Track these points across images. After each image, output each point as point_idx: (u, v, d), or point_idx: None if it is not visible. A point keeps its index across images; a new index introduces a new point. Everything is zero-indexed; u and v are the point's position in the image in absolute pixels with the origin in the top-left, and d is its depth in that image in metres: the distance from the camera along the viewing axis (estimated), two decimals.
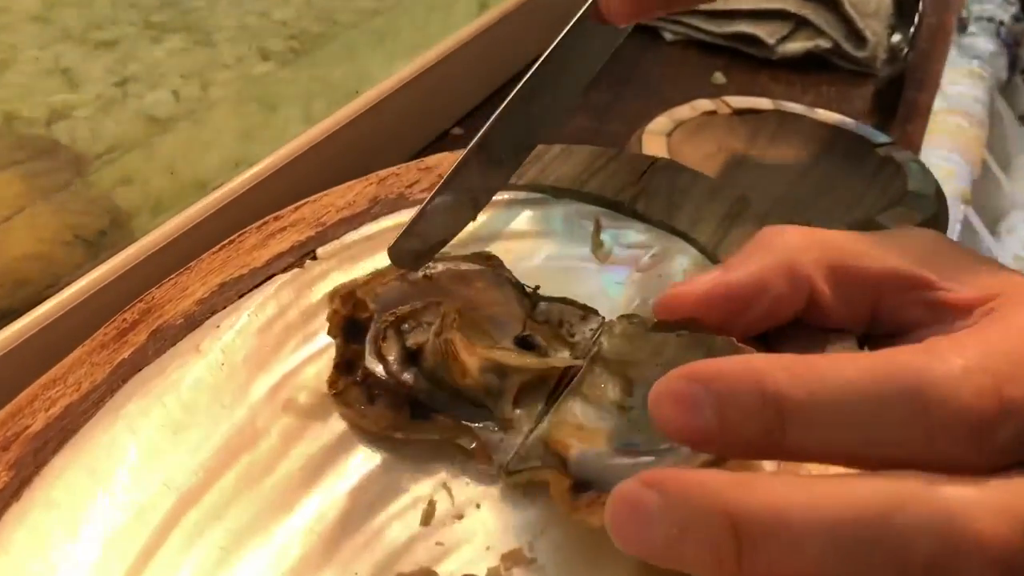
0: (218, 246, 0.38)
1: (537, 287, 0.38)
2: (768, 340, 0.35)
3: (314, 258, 0.39)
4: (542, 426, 0.34)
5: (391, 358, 0.35)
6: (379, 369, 0.35)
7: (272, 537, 0.32)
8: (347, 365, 0.34)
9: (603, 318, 0.38)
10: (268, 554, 0.31)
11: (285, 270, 0.38)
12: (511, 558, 0.33)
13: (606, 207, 0.44)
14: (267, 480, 0.33)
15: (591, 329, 0.37)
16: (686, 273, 0.41)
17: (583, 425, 0.34)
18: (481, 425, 0.34)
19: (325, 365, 0.36)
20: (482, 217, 0.43)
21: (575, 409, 0.35)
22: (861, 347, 0.34)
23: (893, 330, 0.33)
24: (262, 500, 0.32)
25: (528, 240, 0.43)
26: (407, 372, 0.35)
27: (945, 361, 0.25)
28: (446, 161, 0.45)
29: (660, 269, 0.42)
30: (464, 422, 0.34)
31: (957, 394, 0.24)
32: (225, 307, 0.36)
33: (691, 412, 0.25)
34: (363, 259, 0.40)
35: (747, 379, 0.25)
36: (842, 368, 0.25)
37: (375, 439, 0.34)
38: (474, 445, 0.34)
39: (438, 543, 0.33)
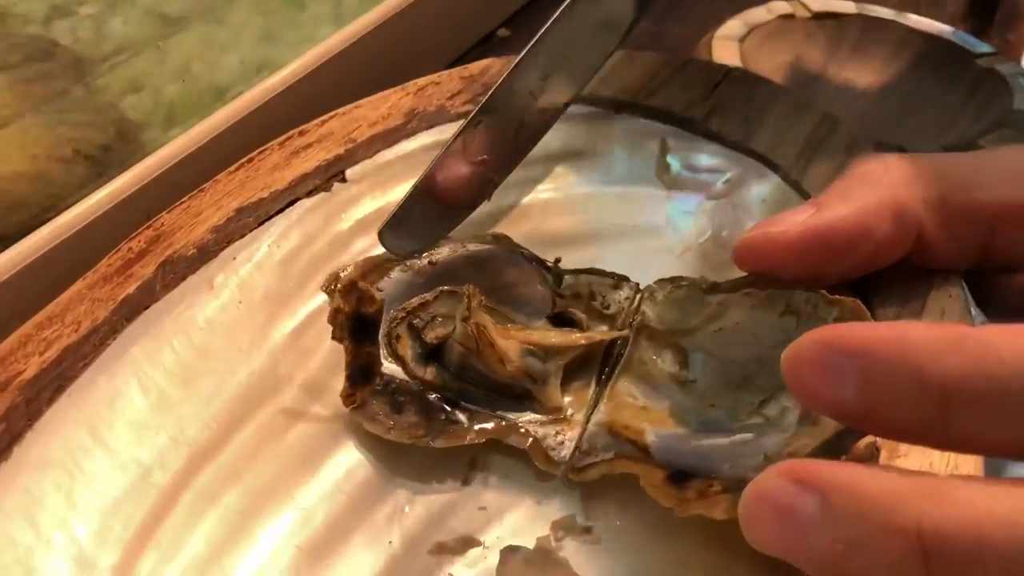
0: (235, 165, 0.34)
1: (558, 259, 0.34)
2: (864, 286, 0.31)
3: (343, 180, 0.35)
4: (598, 412, 0.30)
5: (409, 357, 0.30)
6: (400, 372, 0.30)
7: (295, 500, 0.28)
8: (362, 372, 0.29)
9: (637, 284, 0.33)
10: (290, 520, 0.28)
11: (310, 193, 0.34)
12: (562, 526, 0.29)
13: (673, 124, 0.39)
14: (289, 435, 0.29)
15: (626, 298, 0.33)
16: (764, 203, 0.37)
17: (647, 406, 0.30)
18: (528, 418, 0.30)
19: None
20: None
21: (632, 388, 0.31)
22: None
23: (1004, 265, 0.30)
24: (283, 458, 0.29)
25: (583, 162, 0.39)
26: (432, 371, 0.30)
27: None
28: (492, 68, 0.40)
29: (735, 197, 0.37)
30: (508, 417, 0.30)
31: None
32: (242, 236, 0.32)
33: (834, 383, 0.22)
34: (397, 181, 0.35)
35: (903, 361, 0.21)
36: (1007, 344, 0.20)
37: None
38: (530, 442, 0.30)
39: (480, 508, 0.30)
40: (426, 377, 0.30)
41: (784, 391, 0.29)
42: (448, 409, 0.30)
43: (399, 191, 0.35)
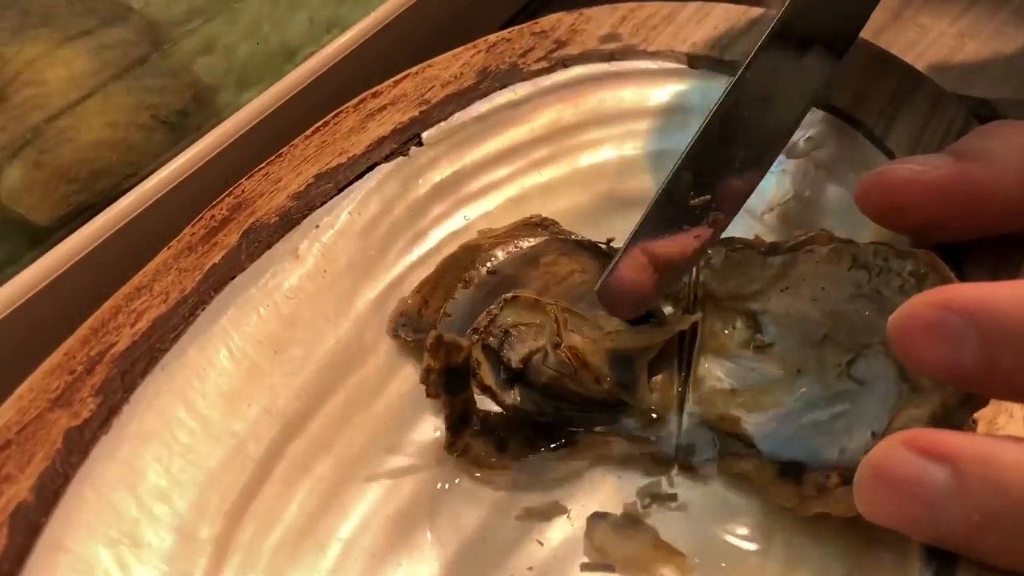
0: (312, 129, 0.34)
1: (611, 240, 0.33)
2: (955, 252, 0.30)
3: (420, 143, 0.34)
4: (689, 404, 0.30)
5: (494, 385, 0.29)
6: (493, 405, 0.29)
7: (384, 469, 0.29)
8: (461, 419, 0.28)
9: None
10: (380, 488, 0.28)
11: (387, 158, 0.33)
12: (648, 492, 0.29)
13: None
14: (378, 402, 0.29)
15: None
16: (848, 162, 0.35)
17: (734, 387, 0.29)
18: (628, 426, 0.30)
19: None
20: (601, 92, 0.37)
21: (713, 370, 0.30)
22: None
23: None
24: (372, 426, 0.29)
25: (659, 119, 0.38)
26: (521, 395, 0.29)
27: None
28: (564, 22, 0.39)
29: (817, 156, 0.36)
30: (608, 431, 0.30)
31: None
32: (323, 203, 0.32)
33: (951, 345, 0.21)
34: (474, 144, 0.35)
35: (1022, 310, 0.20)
36: None
37: None
38: (642, 452, 0.29)
39: (568, 476, 0.30)
40: (517, 404, 0.29)
41: (870, 349, 0.29)
42: (549, 435, 0.29)
43: (475, 154, 0.35)
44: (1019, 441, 0.21)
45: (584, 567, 0.28)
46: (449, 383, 0.28)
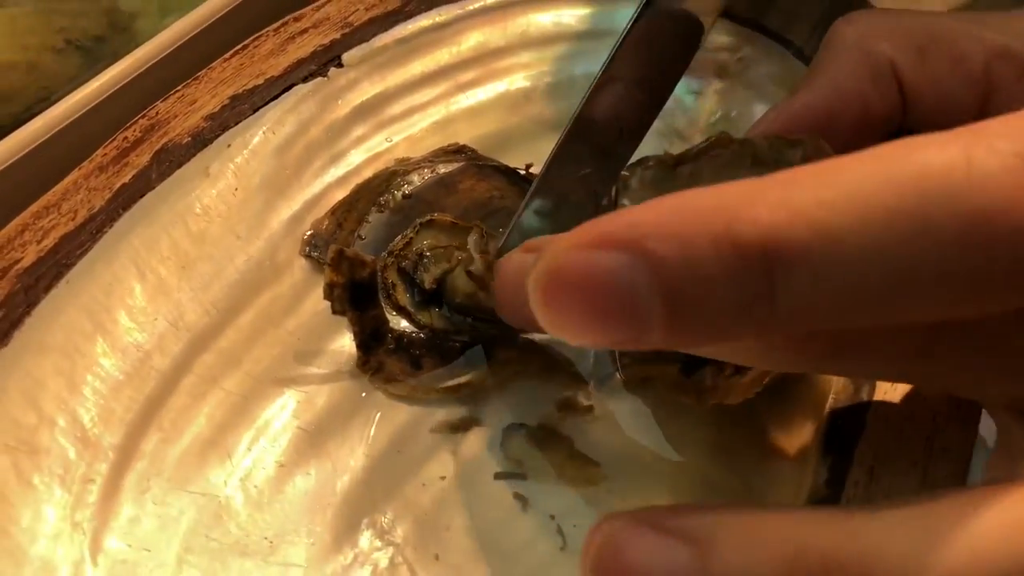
0: (230, 52, 0.33)
1: (529, 165, 0.33)
2: None
3: (339, 65, 0.34)
4: None
5: (410, 306, 0.29)
6: (408, 324, 0.29)
7: (296, 384, 0.28)
8: (373, 336, 0.28)
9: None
10: (292, 402, 0.28)
11: (306, 79, 0.33)
12: (565, 405, 0.30)
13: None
14: (289, 320, 0.29)
15: (606, 202, 0.32)
16: (776, 82, 0.35)
17: None
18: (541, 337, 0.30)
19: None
20: (530, 15, 0.37)
21: None
22: None
23: None
24: (284, 343, 0.29)
25: (586, 43, 0.38)
26: (436, 315, 0.29)
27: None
28: None
29: (746, 77, 0.36)
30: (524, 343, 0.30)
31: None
32: (238, 123, 0.31)
33: (620, 300, 0.15)
34: (395, 66, 0.35)
35: (706, 225, 0.15)
36: (848, 179, 0.15)
37: None
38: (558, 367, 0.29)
39: (483, 390, 0.30)
40: (433, 324, 0.29)
41: None
42: (465, 352, 0.29)
43: (398, 76, 0.35)
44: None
45: (498, 476, 0.28)
46: (355, 299, 0.27)
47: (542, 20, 0.37)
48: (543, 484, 0.28)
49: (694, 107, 0.36)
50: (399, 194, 0.31)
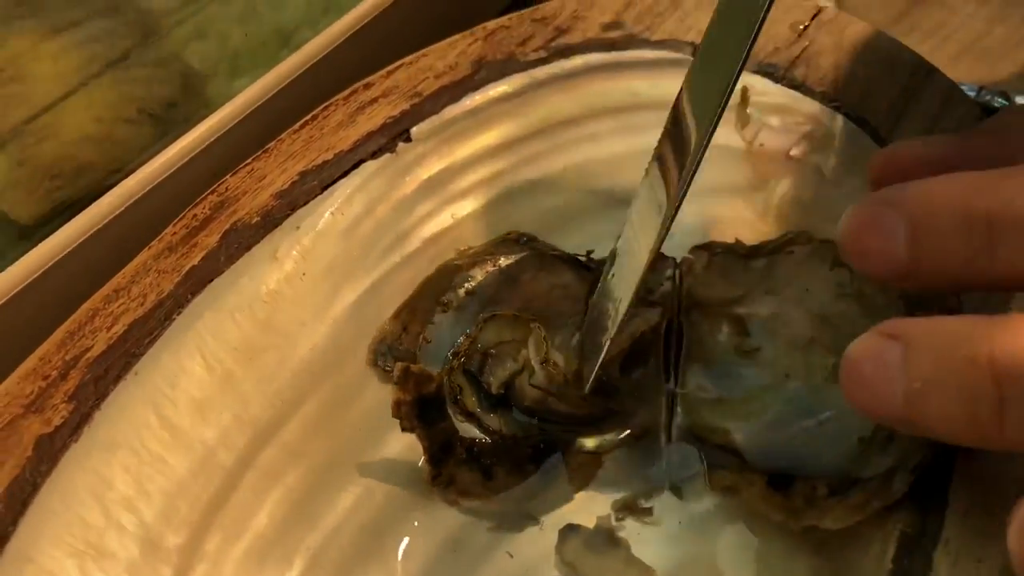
0: (299, 123, 0.33)
1: (590, 252, 0.32)
2: None
3: (408, 140, 0.34)
4: (677, 417, 0.29)
5: (478, 410, 0.29)
6: (477, 431, 0.29)
7: (357, 477, 0.29)
8: (443, 449, 0.28)
9: (674, 260, 0.31)
10: (352, 497, 0.28)
11: (375, 155, 0.33)
12: (623, 506, 0.29)
13: (756, 72, 0.36)
14: (352, 410, 0.29)
15: (668, 277, 0.31)
16: (852, 164, 0.34)
17: (722, 396, 0.29)
18: (612, 440, 0.29)
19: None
20: (601, 84, 0.36)
21: (701, 379, 0.29)
22: None
23: None
24: (346, 434, 0.29)
25: (659, 113, 0.37)
26: (505, 419, 0.29)
27: None
28: (565, 9, 0.38)
29: (819, 156, 0.35)
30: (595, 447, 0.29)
31: None
32: (306, 202, 0.31)
33: (885, 237, 0.22)
34: (463, 139, 0.34)
35: (949, 200, 0.22)
36: None
37: None
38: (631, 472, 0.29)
39: (540, 487, 0.30)
40: (502, 429, 0.29)
41: None
42: (536, 460, 0.29)
43: (465, 149, 0.34)
44: (968, 318, 0.22)
45: None
46: (423, 414, 0.27)
47: (614, 89, 0.36)
48: None
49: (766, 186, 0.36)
50: (462, 291, 0.31)
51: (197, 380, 0.28)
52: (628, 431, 0.29)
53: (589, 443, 0.29)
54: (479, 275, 0.31)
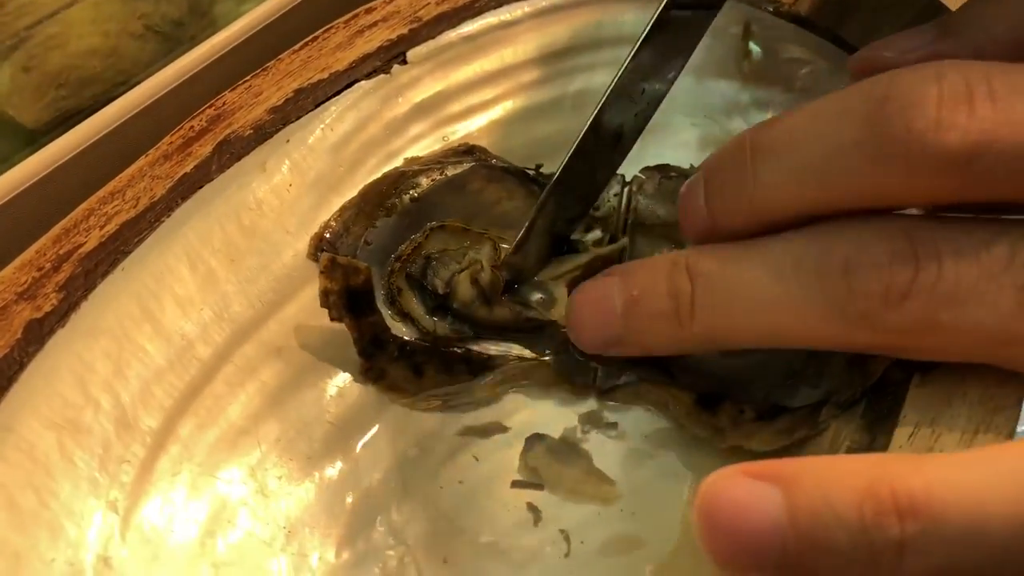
0: (300, 44, 0.34)
1: (539, 166, 0.32)
2: None
3: (403, 62, 0.34)
4: None
5: (418, 314, 0.30)
6: (413, 333, 0.30)
7: (331, 378, 0.30)
8: (374, 343, 0.29)
9: (623, 176, 0.32)
10: (324, 395, 0.29)
11: (369, 75, 0.34)
12: (589, 419, 0.30)
13: (760, 7, 0.36)
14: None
15: (615, 194, 0.32)
16: None
17: None
18: (547, 351, 0.30)
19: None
20: (600, 15, 0.36)
21: None
22: None
23: None
24: (324, 337, 0.30)
25: None
26: (443, 322, 0.30)
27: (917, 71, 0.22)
28: None
29: (816, 91, 0.35)
30: (528, 354, 0.30)
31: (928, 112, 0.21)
32: (298, 117, 0.32)
33: (692, 197, 0.27)
34: (458, 64, 0.35)
35: (733, 141, 0.26)
36: (812, 105, 0.24)
37: None
38: (561, 378, 0.30)
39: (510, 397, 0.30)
40: (438, 332, 0.30)
41: None
42: (468, 361, 0.30)
43: (460, 74, 0.35)
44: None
45: (515, 484, 0.29)
46: (351, 305, 0.28)
47: (612, 21, 0.37)
48: (558, 497, 0.29)
49: (756, 118, 0.36)
50: (407, 197, 0.31)
51: (180, 278, 0.29)
52: (559, 345, 0.30)
53: (515, 351, 0.30)
54: (425, 182, 0.31)
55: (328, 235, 0.30)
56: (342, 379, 0.30)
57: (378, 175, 0.32)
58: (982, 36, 0.27)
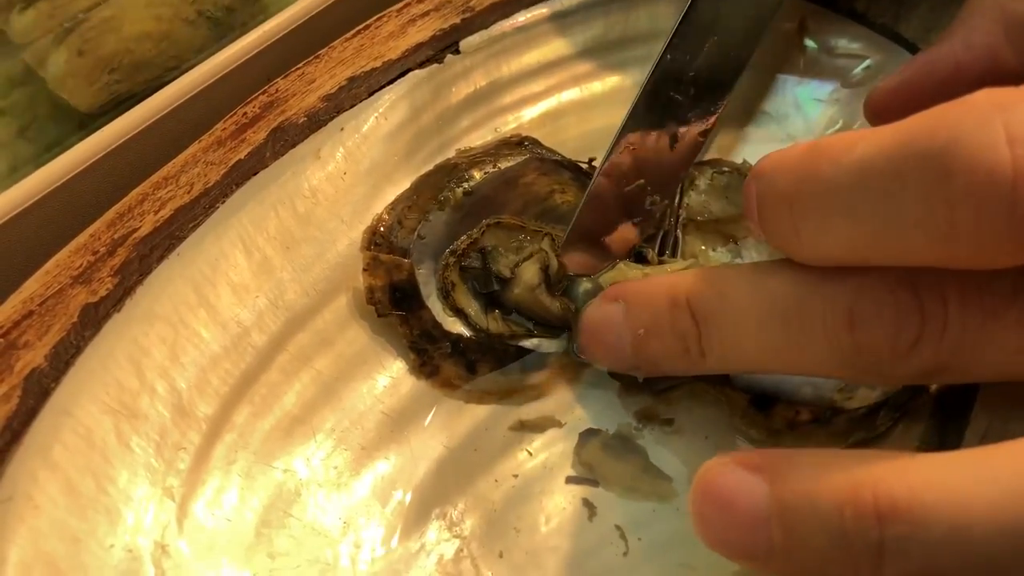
0: (352, 31, 0.34)
1: (592, 159, 0.32)
2: None
3: (456, 52, 0.34)
4: None
5: (471, 309, 0.30)
6: (465, 329, 0.30)
7: (385, 369, 0.29)
8: (425, 338, 0.29)
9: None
10: (378, 386, 0.29)
11: (422, 65, 0.33)
12: (644, 415, 0.30)
13: (815, 2, 0.36)
14: None
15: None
16: None
17: None
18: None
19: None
20: (654, 7, 0.36)
21: None
22: None
23: None
24: (378, 327, 0.30)
25: None
26: (495, 319, 0.30)
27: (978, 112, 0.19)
28: None
29: (872, 87, 0.34)
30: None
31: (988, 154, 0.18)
32: (352, 106, 0.32)
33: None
34: (511, 55, 0.35)
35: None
36: (847, 145, 0.21)
37: None
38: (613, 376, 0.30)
39: (565, 392, 0.30)
40: (491, 329, 0.30)
41: None
42: (521, 358, 0.30)
43: (513, 65, 0.35)
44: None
45: (569, 479, 0.29)
46: (397, 301, 0.28)
47: (666, 12, 0.36)
48: (614, 494, 0.28)
49: (814, 114, 0.35)
50: (459, 191, 0.31)
51: (235, 264, 0.29)
52: None
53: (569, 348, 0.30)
54: (477, 175, 0.31)
55: (382, 228, 0.30)
56: (396, 370, 0.29)
57: (430, 167, 0.32)
58: (959, 38, 0.27)
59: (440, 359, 0.29)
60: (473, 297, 0.30)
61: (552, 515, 0.28)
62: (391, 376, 0.29)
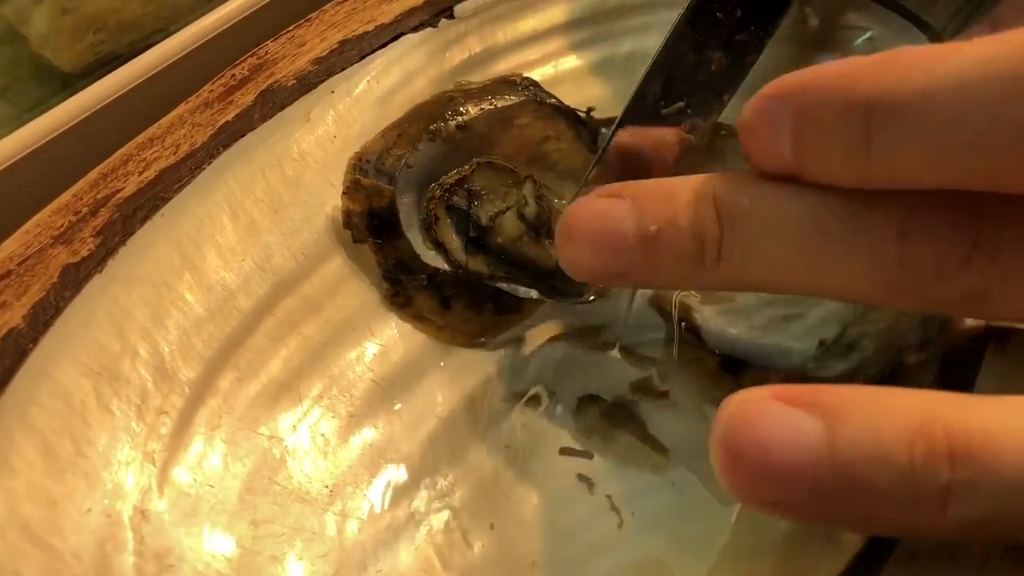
0: None
1: (591, 109, 0.31)
2: None
3: (451, 16, 0.33)
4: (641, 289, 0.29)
5: (453, 245, 0.29)
6: (444, 263, 0.29)
7: (374, 335, 0.29)
8: (399, 267, 0.28)
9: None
10: (368, 353, 0.28)
11: (415, 29, 0.33)
12: (640, 387, 0.29)
13: None
14: (374, 272, 0.29)
15: None
16: None
17: None
18: (579, 298, 0.29)
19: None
20: None
21: None
22: None
23: None
24: (367, 293, 0.29)
25: None
26: (475, 256, 0.29)
27: None
28: None
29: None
30: (556, 298, 0.29)
31: None
32: (343, 69, 0.31)
33: (773, 131, 0.21)
34: (506, 21, 0.34)
35: (832, 89, 0.20)
36: (953, 52, 0.18)
37: None
38: (587, 326, 0.29)
39: (559, 361, 0.29)
40: (470, 267, 0.29)
41: None
42: (497, 300, 0.29)
43: (508, 32, 0.34)
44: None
45: (563, 451, 0.28)
46: (375, 227, 0.28)
47: None
48: (608, 465, 0.28)
49: None
50: (453, 124, 0.30)
51: (221, 227, 0.28)
52: (591, 295, 0.29)
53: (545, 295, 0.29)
54: (473, 111, 0.30)
55: (369, 155, 0.29)
56: (386, 338, 0.29)
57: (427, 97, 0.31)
58: None
59: (414, 291, 0.29)
60: (456, 233, 0.29)
61: (545, 487, 0.27)
62: (380, 343, 0.29)
